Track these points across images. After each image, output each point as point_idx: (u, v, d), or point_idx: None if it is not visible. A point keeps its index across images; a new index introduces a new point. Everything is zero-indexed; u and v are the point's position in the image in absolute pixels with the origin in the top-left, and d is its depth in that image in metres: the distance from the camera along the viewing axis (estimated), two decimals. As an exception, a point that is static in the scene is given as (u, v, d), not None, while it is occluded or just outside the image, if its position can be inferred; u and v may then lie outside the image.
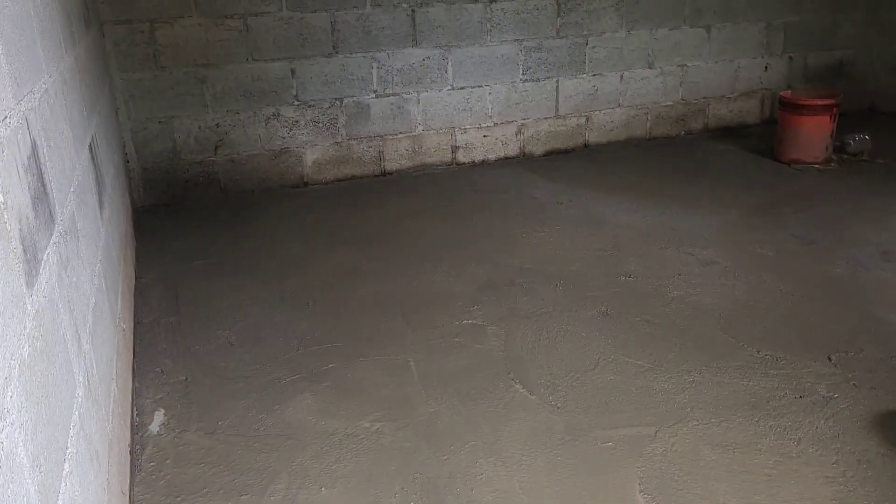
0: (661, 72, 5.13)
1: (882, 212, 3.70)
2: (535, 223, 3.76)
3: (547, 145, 4.97)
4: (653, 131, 5.24)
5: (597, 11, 4.81)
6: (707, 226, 3.62)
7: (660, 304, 2.84)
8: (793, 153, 4.53)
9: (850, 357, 2.41)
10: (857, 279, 2.98)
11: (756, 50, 5.35)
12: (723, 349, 2.49)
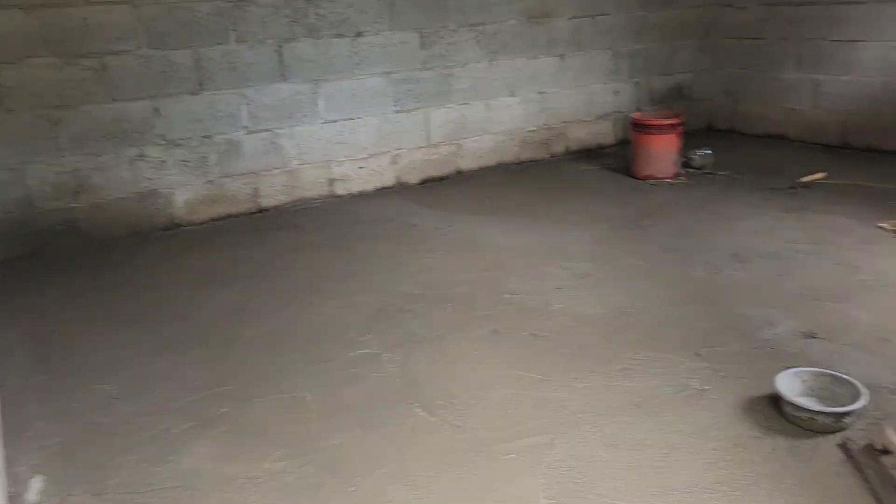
0: (523, 99, 5.39)
1: (728, 218, 4.06)
2: (419, 250, 3.84)
3: (422, 173, 5.08)
4: (520, 155, 5.49)
5: (459, 44, 5.00)
6: (580, 241, 3.84)
7: (545, 318, 2.98)
8: (647, 170, 4.89)
9: (716, 351, 2.63)
10: (714, 280, 3.26)
11: (606, 76, 5.75)
12: (606, 355, 2.65)
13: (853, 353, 2.56)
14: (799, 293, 3.07)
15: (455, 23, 4.95)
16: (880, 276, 3.18)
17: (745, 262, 3.43)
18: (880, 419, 2.15)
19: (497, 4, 5.08)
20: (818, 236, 3.70)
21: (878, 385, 2.33)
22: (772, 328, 2.77)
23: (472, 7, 4.98)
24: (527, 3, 5.20)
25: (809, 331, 2.73)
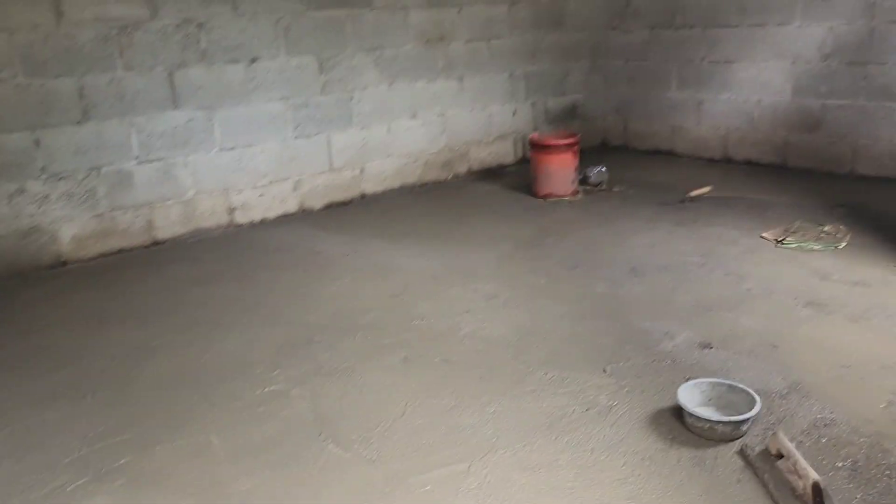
0: (424, 121, 5.43)
1: (625, 233, 4.22)
2: (325, 277, 3.78)
3: (325, 199, 5.02)
4: (424, 177, 5.52)
5: (358, 68, 4.99)
6: (485, 262, 3.89)
7: (454, 342, 2.99)
8: (546, 188, 5.03)
9: (621, 366, 2.71)
10: (615, 295, 3.38)
11: (504, 97, 5.89)
12: (516, 376, 2.68)
13: (745, 360, 2.70)
14: (693, 304, 3.22)
15: (353, 47, 4.94)
16: (765, 284, 3.38)
17: (642, 276, 3.57)
18: (774, 424, 2.27)
19: (394, 29, 5.11)
20: (707, 248, 3.90)
21: (769, 391, 2.47)
22: (671, 340, 2.89)
23: (370, 31, 4.99)
24: (423, 28, 5.26)
25: (705, 341, 2.87)
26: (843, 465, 2.07)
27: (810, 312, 3.06)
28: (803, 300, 3.18)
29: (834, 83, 5.08)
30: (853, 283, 3.31)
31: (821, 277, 3.41)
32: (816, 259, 3.64)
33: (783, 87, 5.35)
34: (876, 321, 2.95)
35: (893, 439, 2.17)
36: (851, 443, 2.16)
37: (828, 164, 5.23)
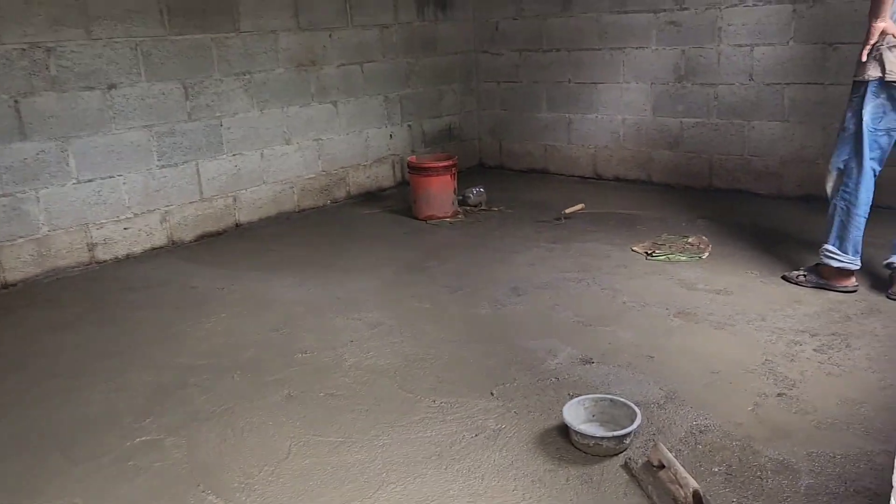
0: (299, 147, 5.32)
1: (505, 252, 4.29)
2: (200, 314, 3.59)
3: (197, 230, 4.79)
4: (301, 204, 5.39)
5: (226, 93, 4.82)
6: (368, 289, 3.83)
7: (339, 375, 2.91)
8: (427, 211, 5.04)
9: (507, 388, 2.73)
10: (499, 315, 3.41)
11: (380, 120, 5.87)
12: (404, 406, 2.63)
13: (625, 373, 2.79)
14: (574, 320, 3.30)
15: (220, 72, 4.77)
16: (638, 297, 3.52)
17: (524, 295, 3.62)
18: (654, 434, 2.35)
19: (263, 53, 4.98)
20: (583, 264, 4.02)
21: (648, 401, 2.56)
22: (554, 358, 2.94)
23: (237, 56, 4.84)
24: (293, 52, 5.16)
25: (586, 356, 2.94)
26: (719, 469, 2.16)
27: (681, 322, 3.21)
28: (674, 310, 3.34)
29: (689, 103, 5.42)
30: (717, 292, 3.52)
31: (688, 288, 3.60)
32: (683, 270, 3.84)
33: (644, 106, 5.65)
34: (738, 327, 3.13)
35: (761, 440, 2.29)
36: (725, 447, 2.27)
37: (688, 178, 5.56)
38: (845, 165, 3.29)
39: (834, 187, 3.38)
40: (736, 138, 5.27)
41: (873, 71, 3.09)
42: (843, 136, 3.30)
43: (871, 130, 3.17)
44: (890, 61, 3.03)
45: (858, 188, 3.26)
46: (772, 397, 2.55)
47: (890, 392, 2.54)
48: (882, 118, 3.15)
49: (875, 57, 3.07)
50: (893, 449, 2.20)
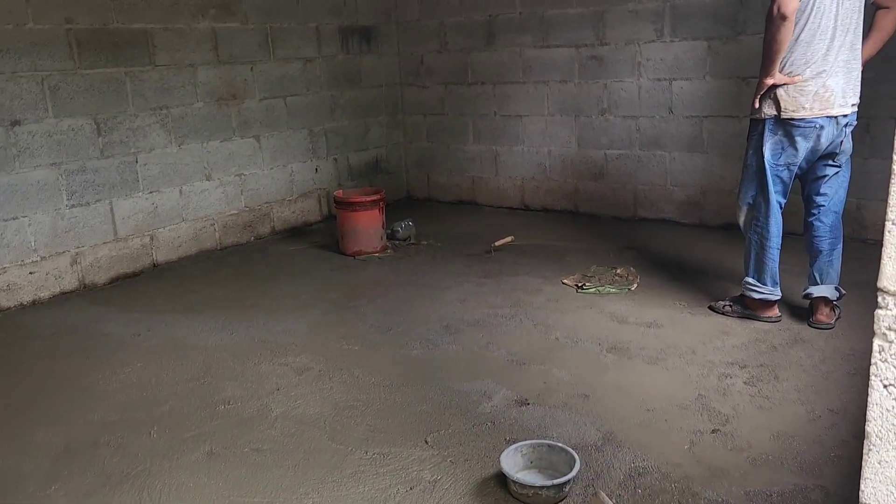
0: (220, 182, 5.14)
1: (435, 288, 4.22)
2: (113, 363, 3.37)
3: (111, 272, 4.54)
4: (223, 241, 5.20)
5: (142, 129, 4.62)
6: (294, 331, 3.68)
7: (265, 427, 2.75)
8: (354, 246, 4.93)
9: (442, 435, 2.64)
10: (431, 357, 3.32)
11: (305, 154, 5.75)
12: (334, 460, 2.51)
13: (560, 414, 2.74)
14: (507, 359, 3.25)
15: (135, 107, 4.57)
16: (571, 332, 3.50)
17: (456, 334, 3.56)
18: (593, 480, 2.30)
19: (181, 87, 4.81)
20: (515, 298, 3.99)
21: (585, 444, 2.51)
22: (489, 401, 2.87)
23: (153, 90, 4.65)
24: (213, 86, 5.00)
25: (522, 398, 2.88)
26: (659, 514, 2.13)
27: (614, 358, 3.21)
28: (606, 346, 3.33)
29: (612, 135, 5.53)
30: (647, 325, 3.53)
31: (619, 321, 3.61)
32: (613, 302, 3.86)
33: (569, 139, 5.73)
34: (670, 361, 3.15)
35: (699, 481, 2.27)
36: (664, 490, 2.24)
37: (614, 209, 5.65)
38: (753, 201, 3.39)
39: (745, 222, 3.48)
40: (658, 169, 5.40)
41: (769, 109, 3.21)
42: (747, 172, 3.40)
43: (772, 166, 3.28)
44: (784, 100, 3.15)
45: (769, 222, 3.36)
46: (707, 434, 2.54)
47: (819, 424, 2.58)
48: (781, 154, 3.26)
49: (770, 96, 3.19)
50: (826, 484, 2.22)
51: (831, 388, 2.82)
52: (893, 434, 1.08)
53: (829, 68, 3.10)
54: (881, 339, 1.07)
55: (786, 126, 3.20)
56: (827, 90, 3.11)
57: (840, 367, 3.01)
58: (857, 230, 4.71)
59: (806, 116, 3.14)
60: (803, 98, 3.12)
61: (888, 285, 1.04)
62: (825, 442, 2.46)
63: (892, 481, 1.10)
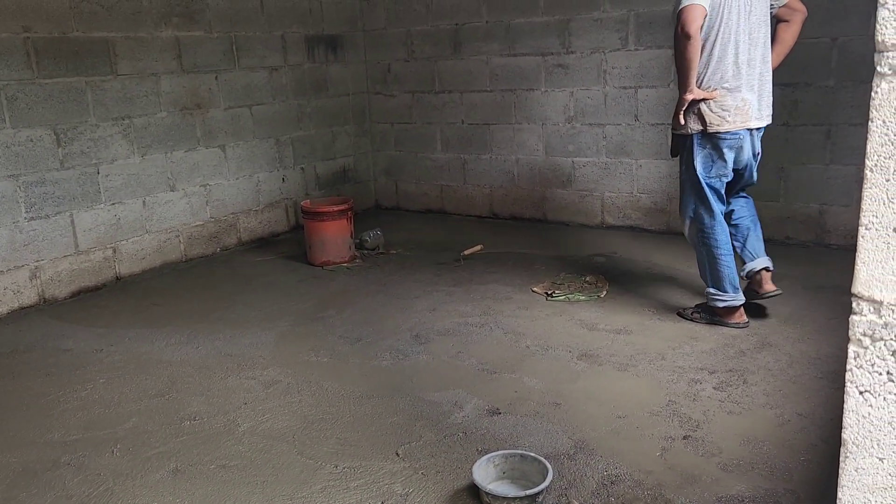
0: (184, 193, 5.05)
1: (405, 298, 4.19)
2: (74, 380, 3.27)
3: (72, 286, 4.42)
4: (188, 252, 5.10)
5: (104, 139, 4.52)
6: (262, 344, 3.62)
7: (232, 443, 2.69)
8: (323, 256, 4.88)
9: (413, 447, 2.60)
10: (401, 367, 3.29)
11: (271, 164, 5.68)
12: (304, 475, 2.46)
13: (532, 422, 2.73)
14: (478, 368, 3.23)
15: (97, 117, 4.47)
16: (541, 340, 3.50)
17: (426, 343, 3.53)
18: (566, 489, 2.29)
19: (144, 96, 4.72)
20: (485, 307, 3.98)
21: (558, 453, 2.50)
22: (460, 410, 2.84)
23: (115, 100, 4.56)
24: (177, 95, 4.92)
25: (493, 407, 2.86)
26: (633, 522, 2.12)
27: (584, 365, 3.20)
28: (576, 353, 3.33)
29: (579, 142, 5.56)
30: (617, 332, 3.54)
31: (589, 328, 3.61)
32: (583, 310, 3.87)
33: (536, 146, 5.75)
34: (641, 367, 3.16)
35: (672, 488, 2.27)
36: (637, 498, 2.23)
37: (581, 216, 5.68)
38: (695, 214, 3.48)
39: (691, 235, 3.56)
40: (625, 176, 5.44)
41: (695, 125, 3.31)
42: (684, 187, 3.50)
43: (705, 178, 3.38)
44: (708, 115, 3.25)
45: (714, 231, 3.43)
46: (678, 440, 2.55)
47: (787, 428, 2.60)
48: (712, 166, 3.37)
49: (694, 112, 3.29)
50: (796, 488, 2.24)
51: (799, 392, 2.85)
52: (870, 441, 1.08)
53: (744, 82, 3.23)
54: (856, 346, 1.07)
55: (713, 139, 3.30)
56: (745, 103, 3.25)
57: (807, 370, 3.04)
58: (820, 235, 4.79)
59: (730, 129, 3.26)
60: (725, 112, 3.24)
61: (863, 291, 1.04)
62: (794, 446, 2.48)
63: (869, 489, 1.10)
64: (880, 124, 0.96)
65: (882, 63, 0.95)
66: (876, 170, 0.98)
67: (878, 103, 0.96)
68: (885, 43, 0.95)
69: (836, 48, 4.48)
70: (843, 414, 1.09)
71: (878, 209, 0.99)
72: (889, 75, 0.94)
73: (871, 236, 1.00)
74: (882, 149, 0.97)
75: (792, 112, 4.71)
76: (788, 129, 4.74)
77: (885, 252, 0.99)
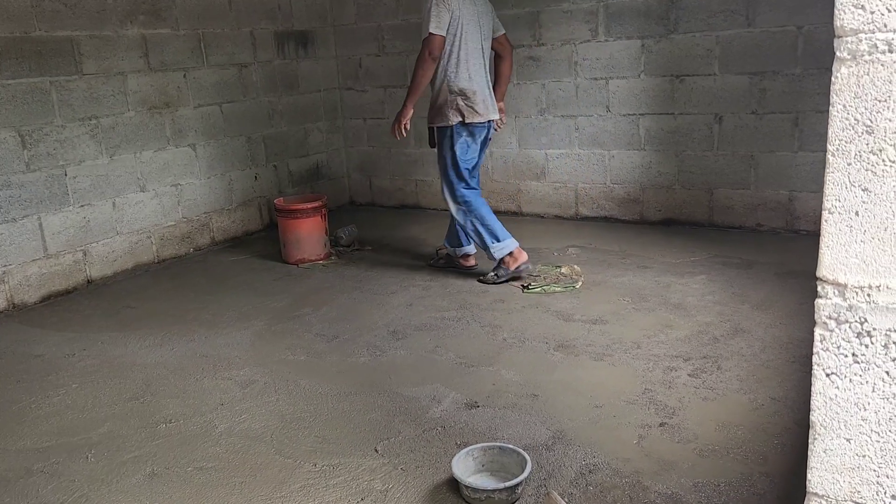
0: (155, 193, 4.99)
1: (381, 294, 4.18)
2: (46, 386, 3.22)
3: (42, 290, 4.35)
4: (161, 253, 5.04)
5: (70, 140, 4.44)
6: (237, 344, 3.59)
7: (209, 444, 2.67)
8: (297, 254, 4.85)
9: (392, 443, 2.60)
10: (379, 363, 3.28)
11: (243, 162, 5.63)
12: (282, 474, 2.44)
13: (510, 415, 2.74)
14: (455, 362, 3.23)
15: (63, 117, 4.39)
16: (518, 332, 3.51)
17: (403, 339, 3.52)
18: (545, 479, 2.30)
19: (110, 96, 4.64)
20: (461, 301, 3.98)
21: (536, 444, 2.51)
22: (438, 405, 2.84)
23: (81, 100, 4.48)
24: (145, 94, 4.85)
25: (471, 400, 2.87)
26: (611, 510, 2.14)
27: (561, 356, 3.22)
28: (553, 344, 3.34)
29: (552, 134, 5.57)
30: (593, 322, 3.57)
31: (565, 319, 3.63)
32: (558, 301, 3.88)
33: (509, 139, 5.75)
34: (616, 356, 3.18)
35: (649, 475, 2.29)
36: (615, 486, 2.25)
37: (556, 208, 5.70)
38: (459, 193, 4.13)
39: (461, 213, 4.16)
40: (598, 167, 5.47)
41: (455, 117, 4.01)
42: (446, 172, 4.14)
43: (464, 161, 4.09)
44: (465, 109, 3.99)
45: (477, 203, 4.15)
46: (654, 428, 2.57)
47: (761, 412, 2.63)
48: (468, 150, 4.11)
49: (454, 107, 3.99)
50: (770, 471, 2.27)
51: (772, 377, 2.89)
52: (838, 423, 1.10)
53: (484, 83, 4.06)
54: (822, 329, 1.09)
55: (469, 128, 4.05)
56: (486, 99, 4.07)
57: (780, 355, 3.09)
58: (791, 221, 4.86)
59: (481, 121, 4.05)
60: (477, 106, 4.01)
61: (827, 274, 1.05)
62: (768, 430, 2.52)
63: (837, 469, 1.12)
64: (841, 109, 0.97)
65: (841, 48, 0.96)
66: (838, 154, 0.99)
67: (838, 88, 0.97)
68: (844, 28, 0.96)
69: (801, 36, 4.54)
70: (811, 396, 1.11)
71: (841, 193, 1.00)
72: (848, 60, 0.96)
73: (835, 220, 1.01)
74: (843, 133, 0.98)
75: (760, 100, 4.76)
76: (757, 118, 4.80)
77: (849, 235, 1.00)
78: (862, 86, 0.95)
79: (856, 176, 0.98)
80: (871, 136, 0.96)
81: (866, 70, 0.95)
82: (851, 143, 0.97)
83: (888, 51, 0.93)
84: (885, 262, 0.99)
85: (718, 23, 4.79)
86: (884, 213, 0.98)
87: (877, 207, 0.99)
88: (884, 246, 0.98)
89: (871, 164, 0.97)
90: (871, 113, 0.95)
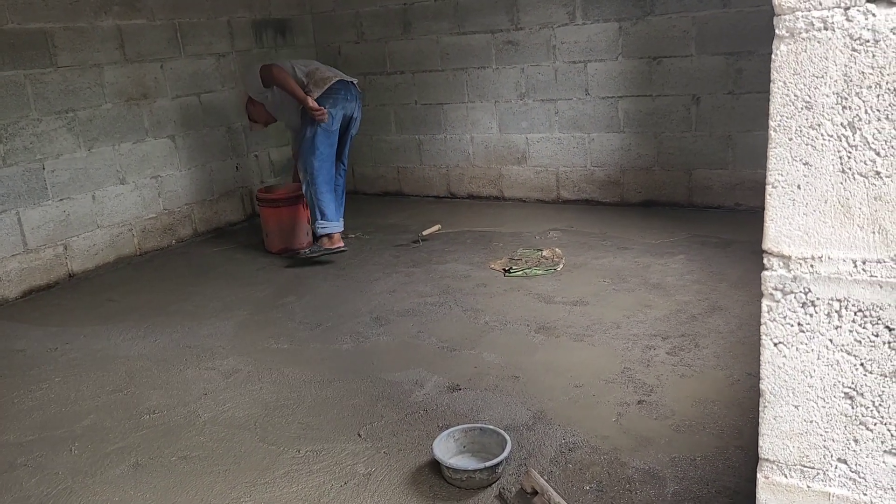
0: (135, 186, 4.96)
1: (364, 281, 4.19)
2: (28, 381, 3.22)
3: (22, 285, 4.33)
4: (142, 246, 5.03)
5: (47, 133, 4.41)
6: (221, 334, 3.60)
7: (193, 434, 2.68)
8: (280, 243, 4.85)
9: (375, 427, 2.63)
10: (361, 350, 3.30)
11: (224, 153, 5.61)
12: (266, 461, 2.47)
13: (492, 396, 2.77)
14: (438, 347, 3.26)
15: (38, 111, 4.36)
16: (500, 316, 3.54)
17: (386, 325, 3.54)
18: (525, 459, 2.34)
19: (87, 88, 4.61)
20: (444, 286, 4.00)
21: (517, 424, 2.55)
22: (421, 389, 2.87)
23: (57, 93, 4.45)
24: (121, 86, 4.82)
25: (453, 383, 2.90)
26: (590, 487, 2.18)
27: (542, 338, 3.25)
28: (535, 326, 3.38)
29: (532, 119, 5.59)
30: (573, 304, 3.60)
31: (546, 301, 3.66)
32: (540, 284, 3.92)
33: (490, 124, 5.77)
34: (596, 336, 3.22)
35: (627, 451, 2.34)
36: (594, 462, 2.29)
37: (538, 192, 5.72)
38: (311, 167, 4.46)
39: (309, 183, 4.50)
40: (578, 150, 5.49)
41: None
42: (304, 145, 4.47)
43: (327, 133, 4.49)
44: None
45: (328, 178, 4.56)
46: (633, 405, 2.61)
47: (737, 388, 2.68)
48: (333, 122, 4.48)
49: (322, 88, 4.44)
50: (744, 444, 2.32)
51: (748, 353, 2.94)
52: (786, 390, 1.13)
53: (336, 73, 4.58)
54: (769, 300, 1.12)
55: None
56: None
57: (756, 332, 3.11)
58: (768, 200, 4.90)
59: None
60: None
61: (772, 247, 1.08)
62: (744, 405, 2.56)
63: (787, 435, 1.15)
64: (781, 85, 1.00)
65: (780, 26, 0.98)
66: (779, 130, 1.01)
67: (778, 65, 1.00)
68: (782, 6, 0.99)
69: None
70: (760, 366, 1.14)
71: (783, 167, 1.03)
72: (787, 37, 0.98)
73: (778, 194, 1.04)
74: (784, 109, 1.01)
75: (737, 80, 4.80)
76: (734, 98, 4.84)
77: (791, 209, 1.03)
78: (800, 62, 0.98)
79: (797, 150, 1.00)
80: (810, 112, 0.99)
81: (804, 47, 0.98)
82: (792, 118, 1.00)
83: (824, 28, 0.95)
84: (826, 233, 1.02)
85: (694, 4, 4.81)
86: (824, 186, 1.01)
87: (817, 181, 1.02)
88: (824, 218, 1.01)
89: (811, 138, 0.99)
90: (810, 89, 0.98)
